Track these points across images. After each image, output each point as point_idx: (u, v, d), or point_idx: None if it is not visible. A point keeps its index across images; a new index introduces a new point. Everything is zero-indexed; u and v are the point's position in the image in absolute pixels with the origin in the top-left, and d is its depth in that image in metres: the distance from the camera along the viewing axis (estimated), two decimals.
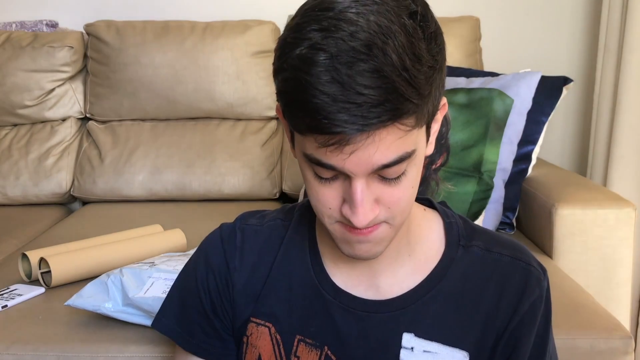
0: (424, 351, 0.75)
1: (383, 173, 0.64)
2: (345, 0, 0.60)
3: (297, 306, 0.79)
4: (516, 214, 1.69)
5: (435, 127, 0.71)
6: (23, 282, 1.40)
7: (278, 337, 0.80)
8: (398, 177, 0.65)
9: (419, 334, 0.75)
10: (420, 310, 0.76)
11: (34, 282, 1.39)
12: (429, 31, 0.62)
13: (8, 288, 1.36)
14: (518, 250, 0.78)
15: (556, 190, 1.60)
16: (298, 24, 0.62)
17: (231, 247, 0.82)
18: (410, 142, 0.63)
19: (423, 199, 0.83)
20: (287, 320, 0.79)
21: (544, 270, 0.77)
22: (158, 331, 0.88)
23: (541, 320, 0.76)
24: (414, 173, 0.67)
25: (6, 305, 1.27)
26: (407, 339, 0.76)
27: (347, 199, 0.65)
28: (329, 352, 0.78)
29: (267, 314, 0.80)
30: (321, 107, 0.58)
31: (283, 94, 0.63)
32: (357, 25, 0.58)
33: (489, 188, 1.57)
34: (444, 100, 0.71)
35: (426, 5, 0.65)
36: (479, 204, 1.57)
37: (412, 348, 0.76)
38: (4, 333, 1.18)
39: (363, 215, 0.64)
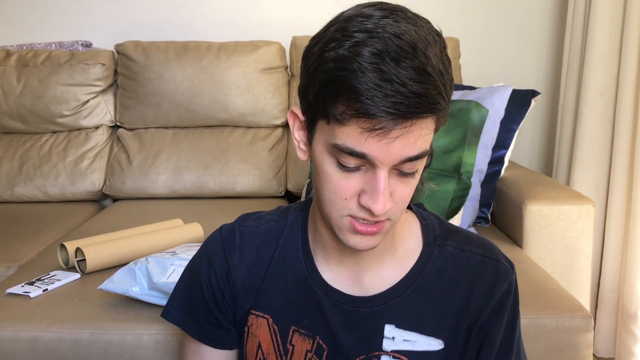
0: (404, 340, 0.75)
1: (402, 167, 0.63)
2: (383, 13, 0.60)
3: (292, 300, 0.77)
4: (491, 209, 1.69)
5: None
6: (61, 269, 1.41)
7: (275, 327, 0.79)
8: (412, 174, 0.64)
9: (399, 325, 0.75)
10: (400, 304, 0.75)
11: (71, 269, 1.40)
12: (446, 52, 0.63)
13: (48, 274, 1.36)
14: (488, 249, 0.77)
15: (526, 188, 1.60)
16: (342, 27, 0.60)
17: (231, 247, 0.80)
18: (429, 141, 0.63)
19: None
20: (283, 313, 0.78)
21: (511, 266, 0.76)
22: (167, 320, 0.86)
23: (510, 310, 0.75)
24: (420, 172, 0.66)
25: (47, 289, 1.27)
26: (389, 329, 0.75)
27: (368, 189, 0.63)
28: (320, 341, 0.77)
29: (265, 306, 0.79)
30: (371, 92, 0.57)
31: (330, 83, 0.60)
32: (401, 29, 0.59)
33: (467, 187, 1.57)
34: None
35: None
36: (458, 201, 1.57)
37: (393, 337, 0.75)
38: (45, 313, 1.18)
39: (383, 204, 0.62)
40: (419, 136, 0.61)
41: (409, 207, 0.80)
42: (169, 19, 2.37)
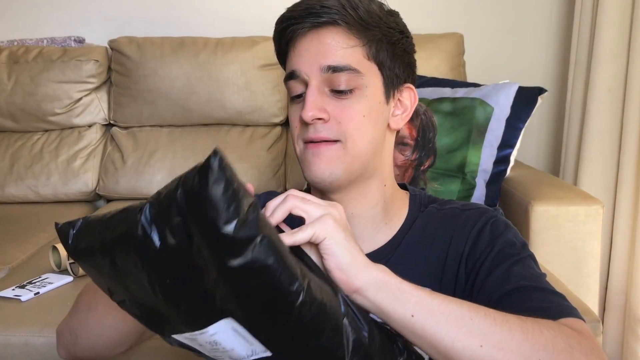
0: None
1: (332, 82, 0.73)
2: None
3: None
4: None
5: (404, 110, 0.79)
6: (53, 271, 1.41)
7: None
8: (346, 94, 0.74)
9: None
10: (388, 263, 0.75)
11: (63, 271, 1.40)
12: (390, 10, 0.78)
13: (40, 277, 1.36)
14: (467, 204, 0.82)
15: (532, 189, 1.60)
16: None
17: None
18: (356, 61, 0.74)
19: (400, 184, 0.87)
20: None
21: (494, 209, 0.80)
22: None
23: (492, 233, 0.75)
24: (364, 104, 0.74)
25: (38, 292, 1.27)
26: None
27: (303, 105, 0.74)
28: None
29: None
30: (289, 13, 0.75)
31: (274, 30, 0.78)
32: None
33: (472, 187, 1.57)
34: (411, 85, 0.80)
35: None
36: None
37: None
38: (36, 317, 1.18)
39: (310, 109, 0.72)
40: (338, 48, 0.73)
41: (405, 189, 0.85)
42: (164, 14, 2.37)
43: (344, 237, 0.61)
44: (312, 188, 0.82)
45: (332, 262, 0.60)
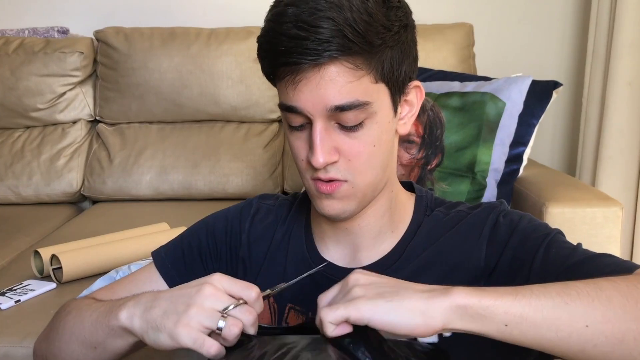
0: None
1: (340, 119, 0.70)
2: None
3: (290, 278, 0.81)
4: None
5: (410, 109, 0.77)
6: (35, 277, 1.41)
7: (275, 306, 0.84)
8: (355, 128, 0.70)
9: None
10: (393, 272, 0.78)
11: (46, 277, 1.40)
12: (389, 4, 0.70)
13: (21, 283, 1.36)
14: (474, 206, 0.83)
15: (546, 189, 1.60)
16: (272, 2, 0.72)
17: (245, 213, 0.89)
18: (363, 91, 0.69)
19: (406, 182, 0.87)
20: (281, 291, 0.82)
21: (500, 201, 0.82)
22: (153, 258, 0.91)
23: (509, 226, 0.76)
24: (374, 131, 0.71)
25: (19, 300, 1.27)
26: None
27: (310, 144, 0.71)
28: (312, 317, 0.80)
29: (266, 285, 0.82)
30: (280, 44, 0.67)
31: (258, 42, 0.71)
32: None
33: (482, 188, 1.57)
34: (417, 83, 0.77)
35: None
36: (472, 203, 1.56)
37: None
38: (17, 327, 1.18)
39: (320, 155, 0.69)
40: (344, 83, 0.68)
41: (411, 188, 0.86)
42: (154, 3, 2.37)
43: (385, 301, 0.59)
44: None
45: (398, 329, 0.59)
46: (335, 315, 0.60)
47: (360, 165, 0.72)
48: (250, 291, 0.67)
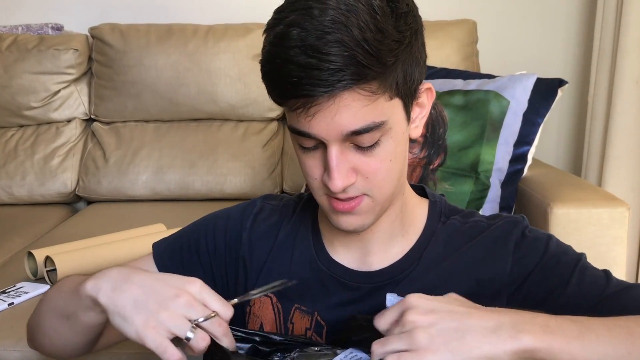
0: None
1: (356, 141, 0.68)
2: None
3: (295, 278, 0.82)
4: (512, 213, 1.69)
5: (420, 111, 0.76)
6: (29, 280, 1.41)
7: (279, 305, 0.84)
8: (372, 147, 0.69)
9: (403, 293, 0.77)
10: (405, 280, 0.79)
11: (40, 280, 1.40)
12: (398, 11, 0.67)
13: (14, 286, 1.36)
14: (492, 217, 0.83)
15: (551, 190, 1.60)
16: (279, 8, 0.68)
17: (248, 212, 0.89)
18: (379, 112, 0.68)
19: (417, 186, 0.87)
20: (287, 291, 0.82)
21: (521, 217, 0.82)
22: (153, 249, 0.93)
23: (536, 246, 0.77)
24: (390, 146, 0.71)
25: (12, 303, 1.27)
26: (390, 298, 0.76)
27: (325, 166, 0.70)
28: (318, 318, 0.82)
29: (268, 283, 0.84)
30: (290, 73, 0.64)
31: (262, 68, 0.69)
32: (326, 4, 0.64)
33: (486, 188, 1.57)
34: (428, 84, 0.76)
35: None
36: (475, 204, 1.57)
37: None
38: (10, 330, 1.18)
39: (338, 180, 0.69)
40: (359, 108, 0.66)
41: (424, 191, 0.86)
42: None
43: (451, 354, 0.60)
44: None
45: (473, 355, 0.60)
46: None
47: (379, 181, 0.72)
48: (225, 308, 0.67)
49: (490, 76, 1.76)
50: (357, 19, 0.64)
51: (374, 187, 0.72)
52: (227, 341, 0.67)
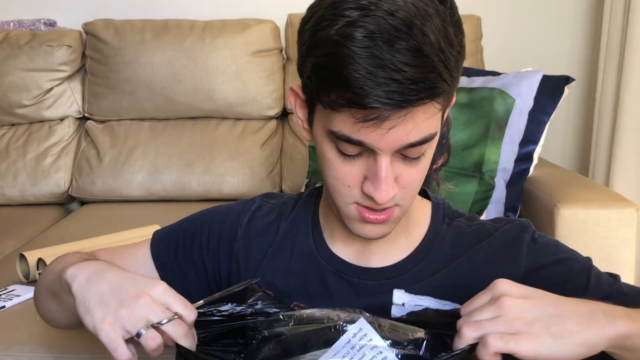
0: (416, 305, 0.77)
1: (406, 152, 0.68)
2: None
3: (296, 275, 0.83)
4: (517, 214, 1.69)
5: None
6: (21, 282, 1.40)
7: None
8: (418, 158, 0.69)
9: (409, 291, 0.79)
10: (410, 278, 0.80)
11: (32, 282, 1.39)
12: (454, 19, 0.66)
13: (6, 289, 1.36)
14: (496, 220, 0.85)
15: (558, 190, 1.60)
16: (334, 2, 0.63)
17: (246, 209, 0.90)
18: (435, 124, 0.67)
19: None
20: (287, 288, 0.83)
21: (527, 221, 0.83)
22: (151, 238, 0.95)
23: (546, 252, 0.79)
24: (429, 155, 0.71)
25: (4, 306, 1.27)
26: (398, 295, 0.78)
27: (370, 176, 0.68)
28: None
29: (267, 283, 0.84)
30: (362, 81, 0.60)
31: (320, 69, 0.65)
32: (396, 4, 0.61)
33: (490, 188, 1.57)
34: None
35: None
36: (480, 204, 1.56)
37: (403, 304, 0.78)
38: (1, 334, 1.18)
39: (386, 192, 0.68)
40: (423, 120, 0.65)
41: (424, 195, 0.88)
42: None
43: (551, 339, 0.61)
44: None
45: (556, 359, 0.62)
46: (491, 344, 0.61)
47: (412, 191, 0.73)
48: (188, 310, 0.68)
49: (495, 73, 1.76)
50: (431, 24, 0.61)
51: (406, 196, 0.72)
52: (186, 342, 0.67)
